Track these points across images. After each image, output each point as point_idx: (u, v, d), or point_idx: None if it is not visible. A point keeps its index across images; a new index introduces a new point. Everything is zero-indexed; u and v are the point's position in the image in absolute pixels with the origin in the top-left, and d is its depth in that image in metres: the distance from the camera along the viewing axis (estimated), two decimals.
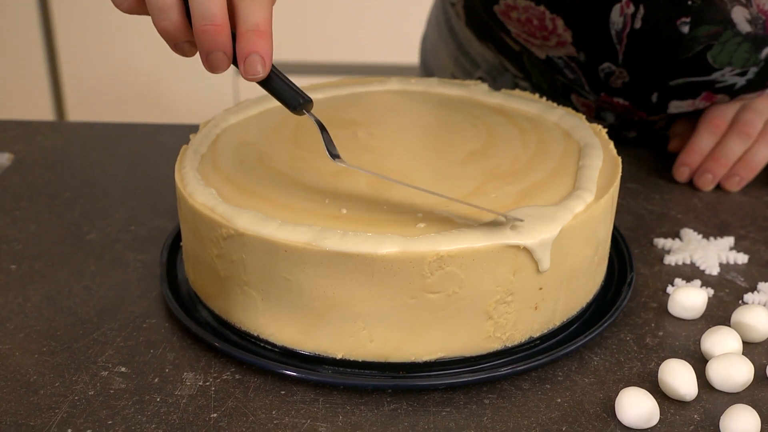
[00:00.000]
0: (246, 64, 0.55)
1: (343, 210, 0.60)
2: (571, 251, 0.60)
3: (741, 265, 0.72)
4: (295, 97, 0.58)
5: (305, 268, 0.56)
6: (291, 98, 0.58)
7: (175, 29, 0.55)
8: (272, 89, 0.58)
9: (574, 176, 0.64)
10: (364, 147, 0.68)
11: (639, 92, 0.84)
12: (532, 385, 0.59)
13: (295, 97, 0.58)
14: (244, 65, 0.55)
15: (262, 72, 0.55)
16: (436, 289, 0.56)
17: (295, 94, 0.58)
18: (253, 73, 0.55)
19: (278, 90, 0.58)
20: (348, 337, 0.58)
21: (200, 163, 0.67)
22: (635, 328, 0.64)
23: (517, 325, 0.59)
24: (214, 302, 0.63)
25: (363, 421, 0.55)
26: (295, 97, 0.58)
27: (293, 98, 0.58)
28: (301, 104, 0.58)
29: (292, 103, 0.58)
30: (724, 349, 0.60)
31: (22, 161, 0.90)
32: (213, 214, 0.60)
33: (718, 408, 0.56)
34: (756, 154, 0.83)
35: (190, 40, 0.56)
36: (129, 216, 0.79)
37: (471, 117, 0.74)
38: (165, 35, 0.55)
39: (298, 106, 0.58)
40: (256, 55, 0.54)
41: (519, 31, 0.83)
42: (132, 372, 0.59)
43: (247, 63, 0.55)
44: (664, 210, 0.80)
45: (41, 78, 2.02)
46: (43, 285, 0.69)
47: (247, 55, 0.54)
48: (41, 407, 0.56)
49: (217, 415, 0.56)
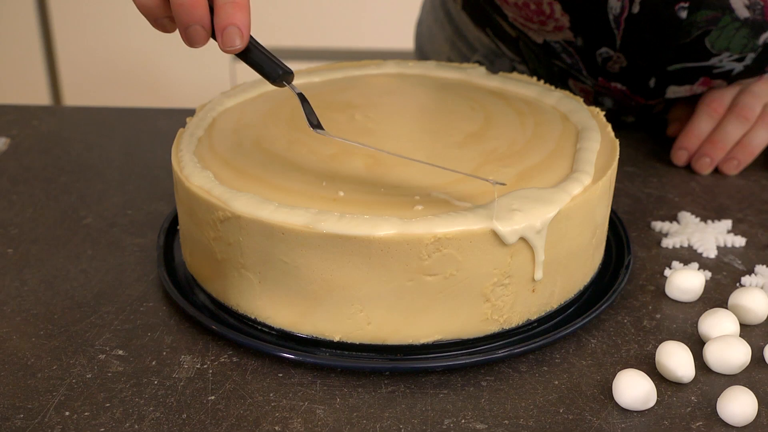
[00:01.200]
0: (224, 36, 0.55)
1: (341, 192, 0.59)
2: (568, 234, 0.60)
3: (738, 248, 0.72)
4: (274, 68, 0.58)
5: (302, 251, 0.56)
6: (271, 70, 0.58)
7: (154, 5, 0.55)
8: (252, 61, 0.58)
9: (572, 159, 0.64)
10: (361, 130, 0.68)
11: (637, 77, 0.83)
12: (530, 368, 0.59)
13: (275, 69, 0.58)
14: (222, 37, 0.55)
15: (240, 44, 0.55)
16: (433, 271, 0.56)
17: (274, 66, 0.58)
18: (231, 45, 0.55)
19: (258, 62, 0.58)
20: (345, 319, 0.58)
21: (197, 147, 0.66)
22: (633, 310, 0.64)
23: (515, 308, 0.59)
24: (211, 285, 0.63)
25: (360, 404, 0.55)
26: (275, 69, 0.58)
27: (273, 70, 0.58)
28: (281, 75, 0.58)
29: (272, 75, 0.58)
30: (722, 331, 0.60)
31: (19, 146, 0.89)
32: (210, 197, 0.59)
33: (715, 390, 0.56)
34: (754, 137, 0.83)
35: (169, 16, 0.56)
36: (126, 200, 0.79)
37: (468, 100, 0.74)
38: (144, 11, 0.56)
39: (278, 77, 0.58)
40: (234, 27, 0.54)
41: (516, 16, 0.83)
42: (129, 355, 0.59)
43: (224, 35, 0.55)
44: (661, 193, 0.80)
45: (37, 62, 2.01)
46: (40, 269, 0.69)
47: (224, 28, 0.54)
48: (39, 390, 0.56)
49: (214, 397, 0.56)
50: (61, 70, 2.02)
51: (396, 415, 0.54)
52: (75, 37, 1.98)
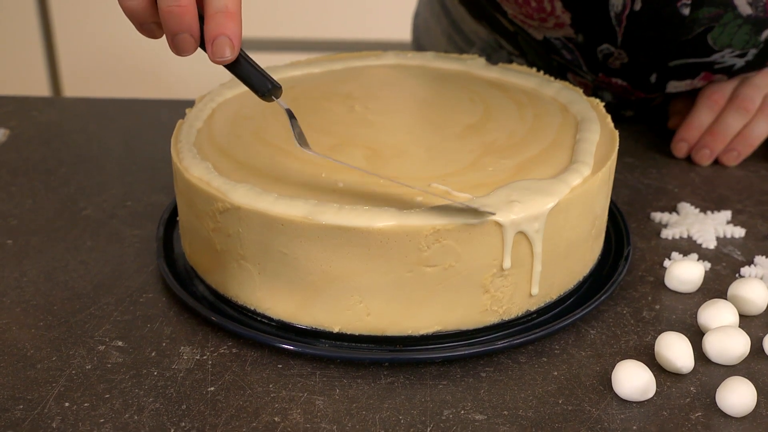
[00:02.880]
0: (214, 47, 0.53)
1: (340, 183, 0.59)
2: (567, 225, 0.60)
3: (738, 238, 0.72)
4: (263, 82, 0.56)
5: (302, 242, 0.56)
6: (260, 84, 0.57)
7: (141, 9, 0.53)
8: (240, 74, 0.56)
9: (571, 150, 0.64)
10: (360, 121, 0.68)
11: (638, 73, 0.83)
12: (529, 359, 0.59)
13: (264, 83, 0.56)
14: (212, 48, 0.53)
15: (230, 55, 0.54)
16: (432, 262, 0.56)
17: (263, 80, 0.56)
18: (221, 56, 0.53)
19: (246, 75, 0.56)
20: (345, 310, 0.58)
21: (196, 138, 0.66)
22: (632, 301, 0.64)
23: (514, 299, 0.59)
24: (210, 277, 0.63)
25: (360, 395, 0.56)
26: (264, 83, 0.56)
27: (262, 84, 0.56)
28: (270, 90, 0.57)
29: (260, 89, 0.57)
30: (721, 322, 0.60)
31: (18, 137, 0.89)
32: (209, 188, 0.59)
33: (714, 380, 0.56)
34: (754, 129, 0.83)
35: (156, 21, 0.54)
36: (125, 191, 0.79)
37: (468, 91, 0.74)
38: (130, 15, 0.54)
39: (266, 92, 0.57)
40: (225, 37, 0.53)
41: (516, 13, 0.83)
42: (129, 346, 0.59)
43: (215, 45, 0.53)
44: (661, 184, 0.80)
45: (37, 53, 2.01)
46: (39, 260, 0.69)
47: (215, 38, 0.53)
48: (38, 381, 0.56)
49: (214, 388, 0.56)
50: (60, 61, 2.02)
51: (395, 406, 0.55)
52: (75, 27, 1.98)
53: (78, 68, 2.02)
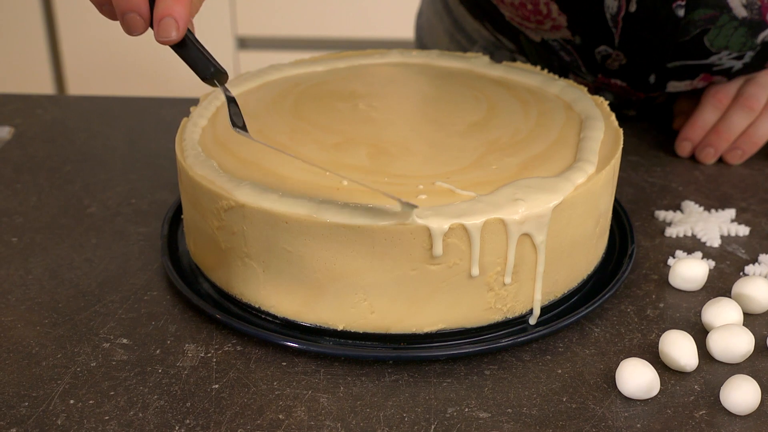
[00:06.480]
0: (160, 27, 0.55)
1: (344, 182, 0.59)
2: (571, 223, 0.60)
3: (742, 237, 0.72)
4: (207, 65, 0.58)
5: (306, 240, 0.56)
6: (203, 67, 0.58)
7: None
8: (185, 56, 0.58)
9: (576, 148, 0.64)
10: (364, 119, 0.68)
11: (636, 74, 0.83)
12: (533, 357, 0.59)
13: (207, 66, 0.58)
14: (158, 27, 0.55)
15: (175, 35, 0.55)
16: (437, 260, 0.56)
17: (207, 63, 0.58)
18: (166, 36, 0.55)
19: (190, 57, 0.58)
20: (349, 308, 0.58)
21: (200, 136, 0.67)
22: (636, 299, 0.64)
23: (518, 297, 0.60)
24: (215, 274, 0.63)
25: (364, 392, 0.56)
26: (207, 66, 0.58)
27: (205, 67, 0.58)
28: (212, 73, 0.58)
29: (203, 72, 0.58)
30: (725, 320, 0.60)
31: (23, 134, 0.89)
32: (213, 186, 0.60)
33: (718, 378, 0.56)
34: (759, 128, 0.83)
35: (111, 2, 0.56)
36: (130, 189, 0.79)
37: (472, 89, 0.74)
38: None
39: (209, 75, 0.58)
40: (171, 18, 0.55)
41: (513, 15, 0.83)
42: (134, 344, 0.59)
43: (161, 25, 0.55)
44: (665, 182, 0.80)
45: (41, 51, 2.01)
46: (44, 257, 0.69)
47: (161, 18, 0.55)
48: (43, 378, 0.56)
49: (218, 386, 0.56)
50: (65, 59, 2.02)
51: (399, 404, 0.55)
52: (79, 26, 1.98)
53: (82, 66, 2.02)
